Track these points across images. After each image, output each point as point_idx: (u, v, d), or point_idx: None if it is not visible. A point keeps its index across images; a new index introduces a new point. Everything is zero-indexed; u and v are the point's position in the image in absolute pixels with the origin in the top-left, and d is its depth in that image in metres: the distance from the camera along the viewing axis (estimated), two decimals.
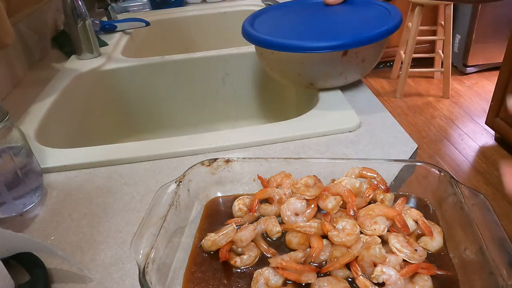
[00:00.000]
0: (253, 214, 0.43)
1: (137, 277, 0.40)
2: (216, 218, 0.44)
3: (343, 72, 0.65)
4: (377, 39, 0.61)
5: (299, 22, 0.72)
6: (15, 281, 0.37)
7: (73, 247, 0.44)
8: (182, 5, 1.29)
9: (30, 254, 0.40)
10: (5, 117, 0.45)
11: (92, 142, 0.63)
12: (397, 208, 0.41)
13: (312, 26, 0.69)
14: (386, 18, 0.66)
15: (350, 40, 0.59)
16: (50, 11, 1.02)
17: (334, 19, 0.71)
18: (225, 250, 0.38)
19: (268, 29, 0.68)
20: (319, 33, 0.65)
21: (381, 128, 0.59)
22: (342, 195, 0.41)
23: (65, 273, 0.41)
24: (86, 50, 0.90)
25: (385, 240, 0.38)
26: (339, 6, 0.74)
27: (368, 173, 0.44)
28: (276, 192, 0.44)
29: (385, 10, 0.69)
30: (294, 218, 0.41)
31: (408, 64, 2.50)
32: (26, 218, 0.48)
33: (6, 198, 0.47)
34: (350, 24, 0.67)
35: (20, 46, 0.85)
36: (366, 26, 0.64)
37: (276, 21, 0.74)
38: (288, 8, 0.79)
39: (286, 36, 0.64)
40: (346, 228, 0.38)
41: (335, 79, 0.66)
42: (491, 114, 2.07)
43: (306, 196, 0.41)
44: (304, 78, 0.67)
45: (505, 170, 0.49)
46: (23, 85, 0.82)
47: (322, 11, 0.74)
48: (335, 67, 0.64)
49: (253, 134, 0.59)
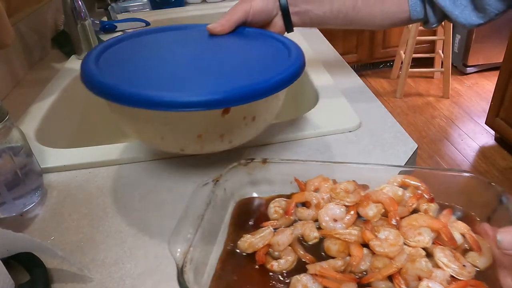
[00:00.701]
0: (289, 217, 0.42)
1: (137, 277, 0.40)
2: (249, 218, 0.43)
3: (225, 135, 0.47)
4: (270, 92, 0.43)
5: (167, 60, 0.50)
6: (15, 281, 0.37)
7: (73, 247, 0.44)
8: (182, 5, 1.29)
9: (30, 254, 0.40)
10: (5, 117, 0.45)
11: (92, 142, 0.63)
12: (442, 220, 0.39)
13: (184, 67, 0.48)
14: (284, 60, 0.48)
15: (230, 94, 0.41)
16: (50, 11, 1.02)
17: (215, 58, 0.52)
18: (262, 253, 0.38)
19: (120, 69, 0.47)
20: (191, 79, 0.46)
21: (381, 128, 0.59)
22: (383, 203, 0.40)
23: (65, 273, 0.41)
24: (86, 50, 0.90)
25: (430, 253, 0.37)
26: (226, 38, 0.56)
27: (412, 182, 0.42)
28: (314, 196, 0.42)
29: (283, 48, 0.52)
30: (333, 224, 0.40)
31: (408, 64, 2.50)
32: (26, 218, 0.48)
33: (6, 198, 0.47)
34: (235, 67, 0.48)
35: (20, 46, 0.85)
36: (258, 71, 0.46)
37: (136, 55, 0.52)
38: (159, 36, 0.58)
39: (141, 83, 0.44)
40: (389, 238, 0.37)
41: (214, 143, 0.48)
42: (491, 114, 2.07)
43: (346, 202, 0.40)
44: (169, 143, 0.48)
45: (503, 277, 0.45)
46: (23, 85, 0.82)
47: (203, 44, 0.56)
48: (212, 128, 0.46)
49: None
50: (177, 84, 0.45)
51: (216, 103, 0.40)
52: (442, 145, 2.19)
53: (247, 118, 0.46)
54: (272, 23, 0.60)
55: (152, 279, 0.40)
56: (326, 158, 0.54)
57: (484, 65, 2.79)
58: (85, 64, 0.46)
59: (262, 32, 0.57)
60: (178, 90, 0.42)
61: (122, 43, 0.54)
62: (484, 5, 0.49)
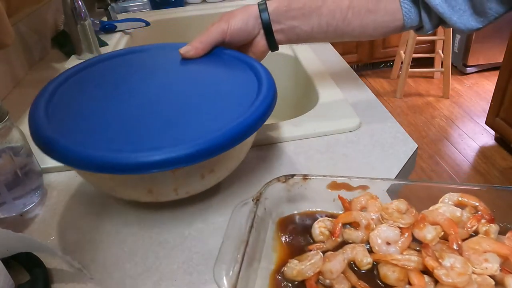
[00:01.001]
0: (336, 239, 0.39)
1: (137, 277, 0.40)
2: (293, 239, 0.40)
3: (179, 189, 0.43)
4: (229, 146, 0.38)
5: (123, 100, 0.45)
6: (15, 281, 0.38)
7: (73, 247, 0.44)
8: (182, 5, 1.29)
9: (30, 254, 0.40)
10: (5, 117, 0.45)
11: None
12: (507, 243, 0.35)
13: (137, 112, 0.43)
14: (252, 94, 0.44)
15: (181, 153, 0.36)
16: (50, 11, 1.02)
17: (174, 96, 0.46)
18: (313, 281, 0.35)
19: (70, 116, 0.42)
20: (139, 131, 0.40)
21: (381, 128, 0.59)
22: (442, 225, 0.37)
23: (65, 273, 0.41)
24: (86, 50, 0.90)
25: (498, 281, 0.33)
26: (194, 64, 0.52)
27: (470, 201, 0.39)
28: (363, 217, 0.39)
29: (253, 77, 0.48)
30: (386, 248, 0.37)
31: (408, 64, 2.50)
32: (26, 218, 0.48)
33: (6, 198, 0.47)
34: (194, 111, 0.43)
35: (20, 46, 0.85)
36: (218, 117, 0.41)
37: (90, 95, 0.47)
38: (120, 63, 0.53)
39: (88, 138, 0.39)
40: (455, 266, 0.33)
41: (169, 196, 0.44)
42: (491, 114, 2.07)
43: (401, 224, 0.37)
44: (122, 195, 0.45)
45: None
46: (23, 85, 0.82)
47: (166, 74, 0.50)
48: (163, 185, 0.42)
49: None
50: (123, 139, 0.39)
51: (158, 165, 0.36)
52: (442, 145, 2.19)
53: (204, 172, 0.42)
54: (254, 43, 0.55)
55: (152, 279, 0.40)
56: (327, 158, 0.54)
57: (484, 65, 2.79)
58: (34, 112, 0.42)
59: (236, 56, 0.53)
60: (121, 149, 0.37)
61: (79, 74, 0.50)
62: (486, 9, 0.48)
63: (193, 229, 0.45)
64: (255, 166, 0.53)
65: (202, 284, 0.39)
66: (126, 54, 0.56)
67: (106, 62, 0.54)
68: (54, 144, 0.38)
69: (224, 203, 0.48)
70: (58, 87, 0.47)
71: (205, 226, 0.45)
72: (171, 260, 0.41)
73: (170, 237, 0.44)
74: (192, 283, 0.39)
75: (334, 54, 0.87)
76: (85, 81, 0.50)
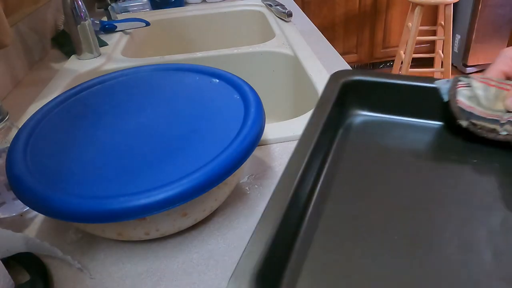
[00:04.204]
0: None
1: (137, 277, 0.40)
2: None
3: (151, 232, 0.40)
4: (205, 188, 0.36)
5: (100, 143, 0.43)
6: (15, 281, 0.37)
7: (73, 247, 0.44)
8: (182, 5, 1.29)
9: (30, 254, 0.40)
10: (5, 117, 0.45)
11: None
12: None
13: (110, 155, 0.41)
14: (235, 123, 0.42)
15: (151, 201, 0.34)
16: (50, 11, 1.02)
17: (151, 129, 0.44)
18: None
19: (47, 161, 0.40)
20: (110, 177, 0.38)
21: None
22: None
23: (65, 273, 0.41)
24: (86, 50, 0.91)
25: None
26: (178, 90, 0.49)
27: None
28: None
29: (241, 103, 0.45)
30: None
31: (408, 64, 2.50)
32: (26, 218, 0.48)
33: (6, 198, 0.47)
34: (167, 148, 0.40)
35: (20, 46, 0.85)
36: (191, 155, 0.39)
37: (67, 136, 0.44)
38: (99, 94, 0.51)
39: (62, 183, 0.37)
40: None
41: (140, 237, 0.41)
42: None
43: None
44: (93, 232, 0.42)
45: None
46: (23, 85, 0.82)
47: (150, 107, 0.47)
48: (131, 229, 0.40)
49: None
50: (94, 187, 0.37)
51: (126, 214, 0.34)
52: None
53: (176, 215, 0.40)
54: None
55: (152, 279, 0.40)
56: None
57: (484, 65, 2.79)
58: (11, 157, 0.40)
59: (225, 78, 0.50)
60: (90, 196, 0.35)
61: (57, 109, 0.49)
62: None
63: (193, 229, 0.45)
64: (254, 166, 0.53)
65: (202, 284, 0.39)
66: (105, 81, 0.53)
67: (86, 91, 0.52)
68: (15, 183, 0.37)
69: (224, 203, 0.48)
70: (36, 126, 0.46)
71: (205, 226, 0.45)
72: (171, 260, 0.41)
73: (170, 237, 0.44)
74: (192, 283, 0.39)
75: (334, 54, 0.87)
76: (61, 118, 0.47)
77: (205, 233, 0.44)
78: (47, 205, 0.35)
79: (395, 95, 0.47)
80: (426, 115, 0.47)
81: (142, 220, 0.38)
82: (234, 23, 1.24)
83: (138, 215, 0.35)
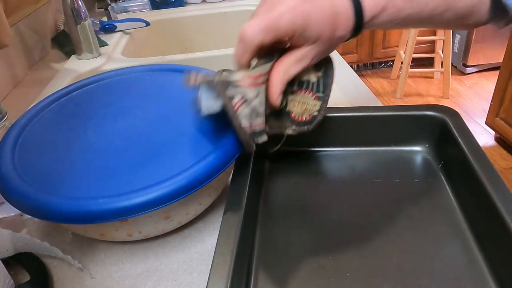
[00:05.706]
0: None
1: (137, 277, 0.40)
2: None
3: (134, 234, 0.40)
4: (186, 192, 0.36)
5: (86, 147, 0.42)
6: (15, 281, 0.37)
7: (73, 247, 0.44)
8: (182, 5, 1.29)
9: (30, 254, 0.40)
10: (4, 117, 0.45)
11: None
12: None
13: (94, 153, 0.41)
14: (225, 126, 0.40)
15: (130, 203, 0.34)
16: (50, 11, 1.02)
17: (137, 131, 0.43)
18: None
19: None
20: (92, 173, 0.38)
21: None
22: None
23: (65, 273, 0.41)
24: (86, 50, 0.91)
25: None
26: (166, 93, 0.48)
27: None
28: None
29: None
30: None
31: (408, 64, 2.50)
32: (26, 218, 0.48)
33: None
34: (154, 151, 0.40)
35: (20, 46, 0.85)
36: (176, 159, 0.38)
37: (55, 139, 0.44)
38: (87, 100, 0.50)
39: (49, 185, 0.37)
40: None
41: (125, 239, 0.41)
42: (491, 114, 2.07)
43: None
44: (87, 233, 0.41)
45: None
46: (23, 85, 0.82)
47: (135, 111, 0.46)
48: (113, 231, 0.39)
49: None
50: (77, 187, 0.37)
51: (106, 216, 0.34)
52: None
53: (158, 218, 0.39)
54: None
55: (152, 279, 0.40)
56: None
57: (484, 65, 2.79)
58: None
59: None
60: (70, 197, 0.35)
61: (48, 108, 0.48)
62: None
63: (193, 229, 0.45)
64: None
65: (202, 284, 0.39)
66: (92, 83, 0.53)
67: (73, 94, 0.51)
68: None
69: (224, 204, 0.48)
70: (22, 132, 0.45)
71: (205, 226, 0.45)
72: (171, 260, 0.41)
73: (170, 237, 0.44)
74: (192, 283, 0.39)
75: (334, 54, 0.87)
76: (52, 117, 0.47)
77: (205, 233, 0.44)
78: (27, 203, 0.35)
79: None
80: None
81: (124, 221, 0.38)
82: (234, 23, 1.24)
83: (118, 217, 0.34)
